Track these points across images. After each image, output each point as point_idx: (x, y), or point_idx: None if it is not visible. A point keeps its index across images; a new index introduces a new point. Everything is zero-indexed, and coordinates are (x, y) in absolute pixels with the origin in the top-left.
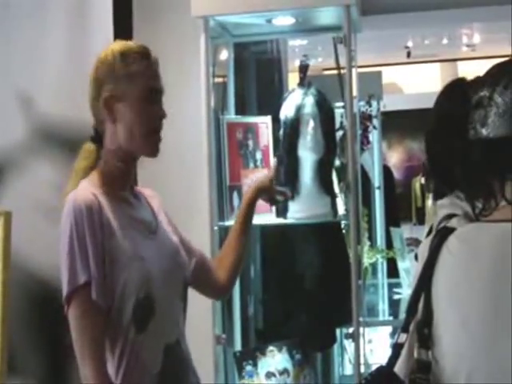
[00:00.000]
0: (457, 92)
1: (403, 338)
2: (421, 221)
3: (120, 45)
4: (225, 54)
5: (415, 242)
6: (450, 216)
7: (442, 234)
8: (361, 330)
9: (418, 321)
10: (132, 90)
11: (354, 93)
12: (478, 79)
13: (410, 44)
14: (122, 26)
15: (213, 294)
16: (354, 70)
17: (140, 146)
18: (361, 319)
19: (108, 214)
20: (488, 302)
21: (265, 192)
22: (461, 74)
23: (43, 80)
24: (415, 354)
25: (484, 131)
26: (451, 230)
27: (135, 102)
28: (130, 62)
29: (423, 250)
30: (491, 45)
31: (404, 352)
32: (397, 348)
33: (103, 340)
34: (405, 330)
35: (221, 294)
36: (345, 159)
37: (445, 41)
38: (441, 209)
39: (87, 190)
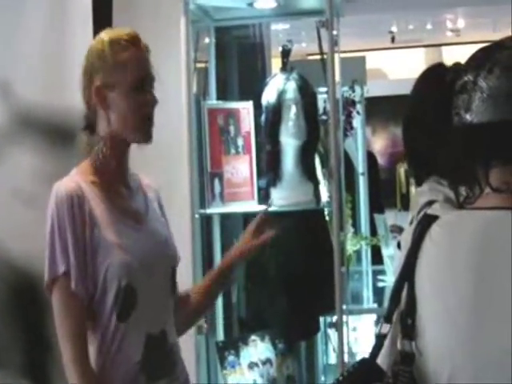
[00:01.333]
0: (434, 77)
1: (386, 328)
2: (405, 207)
3: (110, 33)
4: (206, 39)
5: (398, 230)
6: (430, 203)
7: (424, 222)
8: (344, 318)
9: (401, 311)
10: (123, 78)
11: (337, 78)
12: (456, 65)
13: (394, 29)
14: (101, 11)
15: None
16: (336, 55)
17: (133, 133)
18: (344, 307)
19: (92, 204)
20: (472, 291)
21: (245, 256)
22: (445, 60)
23: (21, 66)
24: (398, 345)
25: (468, 116)
26: (434, 218)
27: (127, 90)
28: (119, 50)
29: (406, 239)
30: (475, 30)
31: (387, 343)
32: (380, 339)
33: (84, 329)
34: (388, 320)
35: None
36: (328, 145)
37: (429, 26)
38: (421, 196)
39: (73, 179)
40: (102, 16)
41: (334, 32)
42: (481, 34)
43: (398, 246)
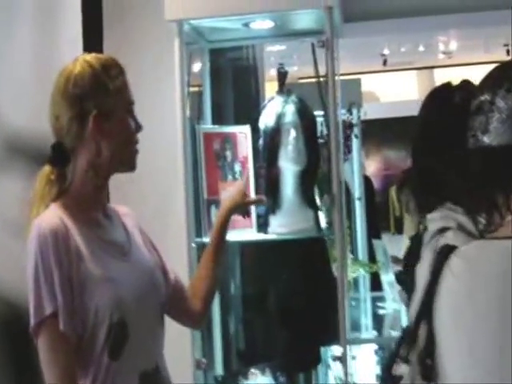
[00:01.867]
0: (443, 97)
1: (403, 368)
2: (399, 230)
3: (94, 58)
4: (200, 61)
5: (393, 260)
6: (442, 230)
7: (443, 254)
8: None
9: (419, 350)
10: (120, 104)
11: (338, 100)
12: (465, 83)
13: (386, 51)
14: (91, 34)
15: (189, 323)
16: (336, 77)
17: (123, 160)
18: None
19: (76, 239)
20: (497, 329)
21: (238, 208)
22: (437, 82)
23: (7, 90)
24: None
25: (486, 139)
26: (452, 249)
27: (123, 116)
28: (113, 76)
29: (423, 272)
30: (468, 52)
31: None
32: (396, 381)
33: (74, 371)
34: (405, 360)
35: (196, 322)
36: (326, 170)
37: (421, 48)
38: (431, 223)
39: (54, 213)
40: (92, 39)
41: (334, 52)
42: (473, 56)
43: (397, 279)
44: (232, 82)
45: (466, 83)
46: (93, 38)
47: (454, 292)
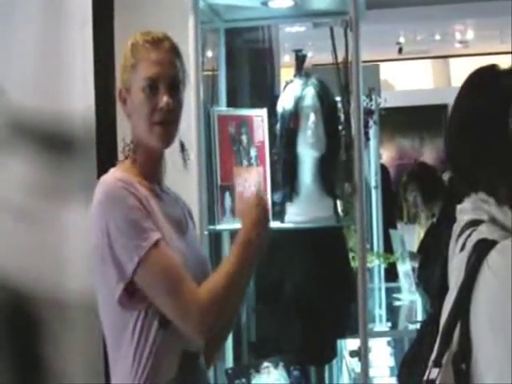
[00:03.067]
0: (486, 82)
1: (435, 373)
2: (412, 219)
3: (136, 35)
4: (215, 42)
5: (410, 256)
6: (473, 222)
7: (480, 249)
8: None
9: (453, 353)
10: (134, 80)
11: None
12: None
13: (401, 40)
14: (102, 12)
15: None
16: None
17: (146, 138)
18: None
19: (145, 193)
20: None
21: None
22: (453, 72)
23: (15, 70)
24: None
25: None
26: (492, 244)
27: (137, 92)
28: (136, 52)
29: (458, 268)
30: (484, 42)
31: None
32: None
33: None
34: (437, 363)
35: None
36: (345, 157)
37: (437, 37)
38: (461, 214)
39: (118, 172)
40: (103, 17)
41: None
42: (488, 46)
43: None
44: (248, 64)
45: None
46: (103, 17)
47: (492, 290)
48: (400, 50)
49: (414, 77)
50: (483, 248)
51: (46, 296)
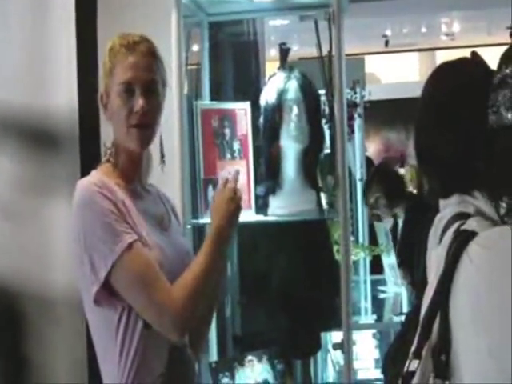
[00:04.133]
0: (454, 71)
1: (414, 365)
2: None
3: (114, 39)
4: (198, 35)
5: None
6: (460, 215)
7: (460, 240)
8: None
9: (433, 346)
10: (112, 84)
11: (343, 75)
12: (473, 55)
13: (388, 33)
14: (85, 7)
15: None
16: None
17: (124, 140)
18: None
19: (122, 196)
20: None
21: None
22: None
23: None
24: None
25: (510, 116)
26: (472, 235)
27: (115, 97)
28: (113, 57)
29: (438, 261)
30: (470, 34)
31: (415, 382)
32: (407, 378)
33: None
34: (417, 355)
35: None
36: (329, 150)
37: (423, 29)
38: (445, 208)
39: (95, 176)
40: (86, 13)
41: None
42: (475, 38)
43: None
44: (232, 58)
45: (474, 56)
46: (87, 13)
47: (472, 282)
48: (386, 43)
49: (400, 70)
50: (463, 239)
51: (30, 292)
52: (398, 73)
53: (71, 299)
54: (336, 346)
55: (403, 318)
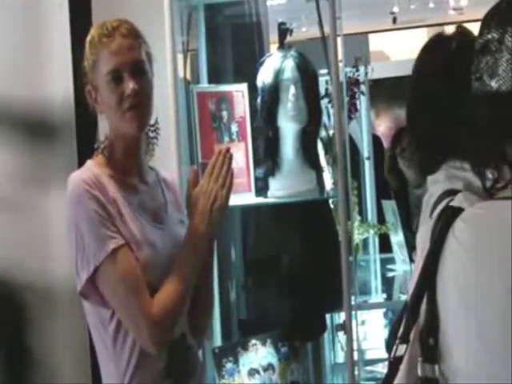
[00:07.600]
0: (437, 47)
1: (402, 349)
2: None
3: (92, 30)
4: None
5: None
6: (449, 192)
7: (446, 217)
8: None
9: (420, 329)
10: (98, 76)
11: (340, 55)
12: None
13: (395, 9)
14: None
15: None
16: (338, 27)
17: (120, 127)
18: (353, 303)
19: (113, 194)
20: (507, 306)
21: None
22: None
23: None
24: (418, 370)
25: (494, 83)
26: (458, 211)
27: (104, 87)
28: (93, 49)
29: (424, 239)
30: (479, 8)
31: (403, 367)
32: (395, 363)
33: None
34: (404, 339)
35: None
36: (331, 129)
37: (431, 5)
38: (434, 185)
39: (89, 169)
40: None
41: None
42: (484, 12)
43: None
44: (230, 40)
45: (460, 28)
46: (80, 1)
47: (458, 261)
48: (394, 20)
49: (409, 46)
50: (448, 216)
51: (29, 283)
52: (407, 50)
53: (71, 289)
54: (338, 327)
55: None
